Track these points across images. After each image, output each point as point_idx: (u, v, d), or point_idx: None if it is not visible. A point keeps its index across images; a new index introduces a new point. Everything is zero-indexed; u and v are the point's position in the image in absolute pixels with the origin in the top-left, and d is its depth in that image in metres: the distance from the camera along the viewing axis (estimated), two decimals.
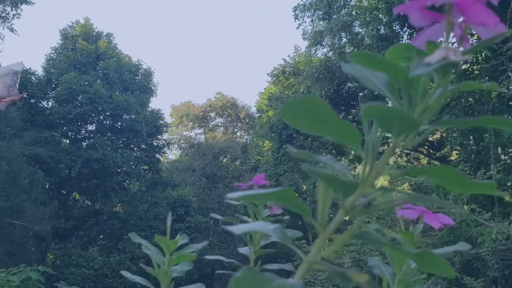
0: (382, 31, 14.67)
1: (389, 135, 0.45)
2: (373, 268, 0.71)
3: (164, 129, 24.58)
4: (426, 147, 18.92)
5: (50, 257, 18.66)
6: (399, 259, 0.67)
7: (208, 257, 1.06)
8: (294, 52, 22.86)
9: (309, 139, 20.57)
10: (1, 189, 12.35)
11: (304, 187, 22.63)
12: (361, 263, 10.67)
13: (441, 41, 0.46)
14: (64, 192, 21.49)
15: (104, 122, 21.71)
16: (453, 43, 0.45)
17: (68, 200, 21.60)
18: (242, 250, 0.83)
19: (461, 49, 0.44)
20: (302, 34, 18.29)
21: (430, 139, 18.17)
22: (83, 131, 21.98)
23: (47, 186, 19.95)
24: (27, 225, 14.45)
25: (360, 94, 19.05)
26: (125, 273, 0.86)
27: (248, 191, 0.43)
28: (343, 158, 23.73)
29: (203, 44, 68.65)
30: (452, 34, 0.45)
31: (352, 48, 17.04)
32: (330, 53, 17.58)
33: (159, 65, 69.11)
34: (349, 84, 18.81)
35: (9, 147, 13.92)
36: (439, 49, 0.41)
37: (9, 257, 13.30)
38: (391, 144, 0.46)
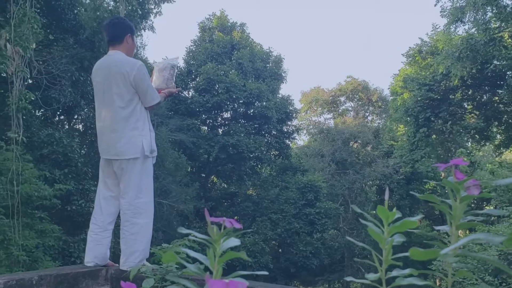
0: None
1: None
2: None
3: (294, 115, 24.92)
4: None
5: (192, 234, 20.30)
6: None
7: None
8: (432, 31, 21.37)
9: (449, 122, 19.12)
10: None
11: (443, 174, 21.19)
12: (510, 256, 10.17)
13: None
14: (204, 175, 23.15)
15: (238, 109, 22.77)
16: None
17: (207, 182, 23.24)
18: (440, 227, 0.85)
19: None
20: (441, 11, 16.95)
21: None
22: (219, 119, 23.37)
23: (189, 170, 21.67)
24: (173, 205, 15.95)
25: (508, 73, 17.11)
26: (349, 238, 1.02)
27: None
28: (487, 143, 21.64)
29: (333, 28, 67.72)
30: None
31: (499, 23, 15.32)
32: (473, 29, 16.06)
33: (289, 51, 70.12)
34: (495, 62, 17.00)
35: (157, 133, 15.40)
36: None
37: (157, 232, 14.87)
38: None
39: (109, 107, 3.10)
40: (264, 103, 22.25)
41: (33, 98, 9.16)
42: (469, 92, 19.56)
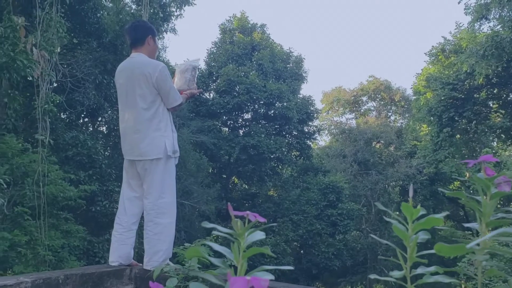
0: None
1: None
2: None
3: (315, 115, 24.79)
4: None
5: (213, 235, 20.43)
6: None
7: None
8: (455, 29, 21.00)
9: (473, 122, 18.74)
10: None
11: (467, 174, 20.80)
12: None
13: None
14: (225, 176, 23.23)
15: (259, 110, 22.78)
16: None
17: (228, 183, 23.31)
18: (469, 225, 0.84)
19: None
20: (465, 9, 16.66)
21: None
22: (240, 120, 23.41)
23: (210, 171, 21.78)
24: (195, 205, 16.06)
25: None
26: (373, 236, 1.00)
27: None
28: None
29: (354, 27, 67.23)
30: None
31: None
32: (498, 26, 15.72)
33: (310, 51, 69.88)
34: None
35: (179, 135, 15.56)
36: None
37: (179, 233, 15.00)
38: None
39: (132, 109, 3.14)
40: (285, 104, 22.20)
41: (58, 101, 9.37)
42: (495, 91, 19.14)
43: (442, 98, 18.38)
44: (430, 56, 22.50)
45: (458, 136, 19.58)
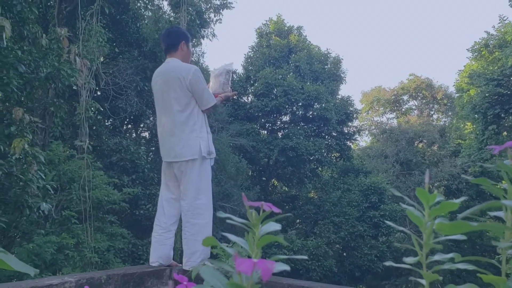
0: None
1: None
2: None
3: (354, 115, 24.45)
4: None
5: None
6: None
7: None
8: (499, 23, 20.21)
9: None
10: (213, 176, 14.06)
11: None
12: None
13: None
14: (264, 178, 23.27)
15: (297, 112, 22.71)
16: None
17: (268, 186, 23.34)
18: (495, 212, 0.83)
19: None
20: (510, 1, 16.00)
21: None
22: (278, 122, 23.42)
23: (250, 173, 21.88)
24: (235, 208, 16.17)
25: None
26: (389, 223, 0.98)
27: None
28: None
29: (392, 26, 65.92)
30: None
31: None
32: None
33: (348, 51, 69.06)
34: None
35: (218, 139, 15.75)
36: None
37: (218, 233, 15.18)
38: None
39: (168, 112, 3.23)
40: (323, 105, 22.02)
41: (102, 109, 9.71)
42: None
43: (487, 94, 17.72)
44: (472, 52, 21.77)
45: (504, 133, 18.80)
